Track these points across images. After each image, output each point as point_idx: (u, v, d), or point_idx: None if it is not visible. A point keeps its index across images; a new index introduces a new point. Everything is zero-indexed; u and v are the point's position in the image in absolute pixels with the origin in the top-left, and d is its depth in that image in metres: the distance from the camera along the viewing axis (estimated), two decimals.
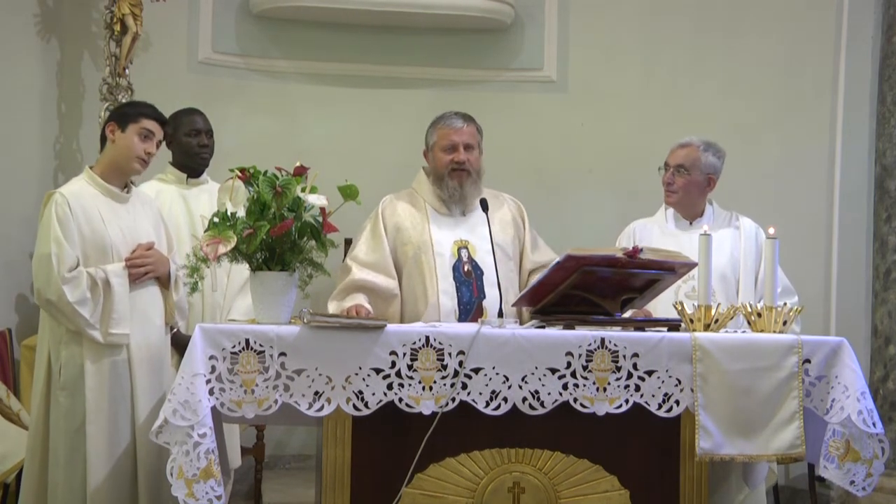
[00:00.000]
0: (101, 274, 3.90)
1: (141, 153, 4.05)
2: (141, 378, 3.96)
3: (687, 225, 4.65)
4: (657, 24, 6.39)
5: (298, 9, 6.19)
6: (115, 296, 3.90)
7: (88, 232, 3.94)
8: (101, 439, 3.88)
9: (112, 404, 3.91)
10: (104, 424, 3.89)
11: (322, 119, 6.38)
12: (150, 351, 4.00)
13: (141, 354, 3.97)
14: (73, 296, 3.83)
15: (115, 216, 4.02)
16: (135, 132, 4.04)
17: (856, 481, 3.64)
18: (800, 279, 4.72)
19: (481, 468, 3.62)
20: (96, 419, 3.88)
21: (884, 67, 5.75)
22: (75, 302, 3.83)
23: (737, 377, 3.64)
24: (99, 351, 3.90)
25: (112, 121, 4.09)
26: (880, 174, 5.72)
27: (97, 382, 3.89)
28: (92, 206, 3.98)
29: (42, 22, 5.79)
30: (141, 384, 3.96)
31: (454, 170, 4.42)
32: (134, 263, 3.97)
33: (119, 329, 3.90)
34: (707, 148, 4.61)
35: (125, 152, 4.05)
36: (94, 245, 3.94)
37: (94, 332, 3.86)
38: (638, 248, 3.77)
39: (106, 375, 3.91)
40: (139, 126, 4.04)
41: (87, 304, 3.85)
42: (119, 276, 3.92)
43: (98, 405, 3.88)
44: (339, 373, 3.52)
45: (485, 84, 6.44)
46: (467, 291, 4.37)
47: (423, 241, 4.40)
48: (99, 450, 3.87)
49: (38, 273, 3.91)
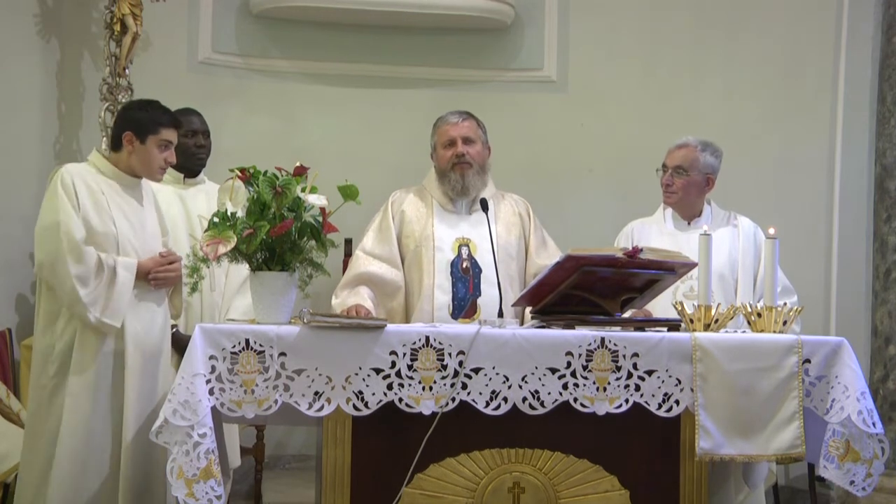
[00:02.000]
0: (110, 262, 3.89)
1: (162, 164, 4.08)
2: (133, 372, 3.93)
3: (685, 225, 4.66)
4: (657, 24, 6.39)
5: (298, 9, 6.19)
6: (118, 286, 3.88)
7: (94, 213, 3.93)
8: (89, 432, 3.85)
9: (104, 399, 3.89)
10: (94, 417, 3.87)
11: (322, 119, 6.38)
12: (148, 346, 3.99)
13: (138, 349, 3.95)
14: (76, 269, 3.81)
15: (123, 205, 4.02)
16: (155, 144, 4.05)
17: (856, 481, 3.64)
18: (800, 279, 4.72)
19: (481, 468, 3.62)
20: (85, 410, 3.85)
21: (884, 67, 5.75)
22: (76, 276, 3.80)
23: (737, 377, 3.64)
24: (89, 341, 3.88)
25: (130, 130, 4.05)
26: (880, 174, 5.72)
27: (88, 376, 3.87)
28: (99, 192, 3.97)
29: (42, 22, 5.78)
30: (132, 378, 3.93)
31: (456, 163, 4.46)
32: (157, 276, 3.99)
33: (111, 320, 3.87)
34: (704, 148, 4.61)
35: (146, 165, 4.07)
36: (101, 230, 3.93)
37: (87, 313, 3.83)
38: (638, 248, 3.77)
39: (100, 371, 3.89)
40: (158, 138, 4.05)
41: (88, 283, 3.82)
42: (128, 269, 3.91)
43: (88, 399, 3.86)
44: (339, 373, 3.52)
45: (485, 84, 6.44)
46: (463, 288, 4.40)
47: (425, 236, 4.45)
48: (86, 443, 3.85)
49: (42, 242, 3.89)
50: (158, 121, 4.06)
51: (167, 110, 4.13)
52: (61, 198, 3.88)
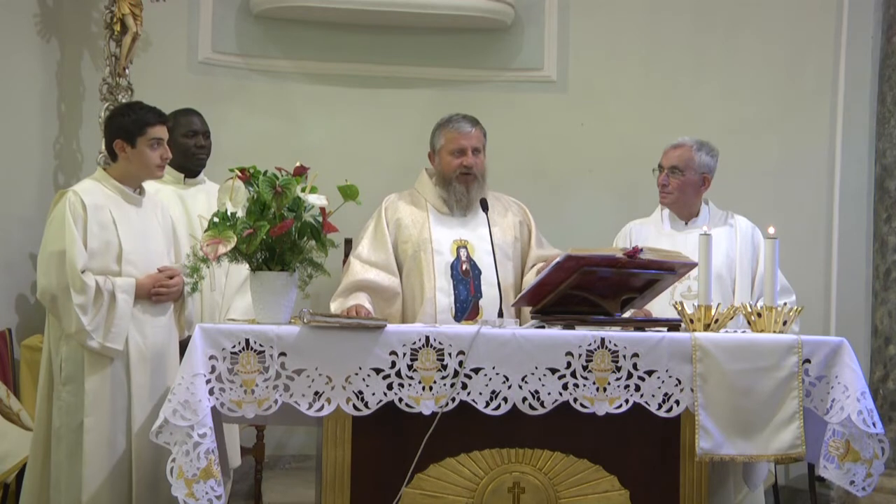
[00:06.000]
0: (108, 286, 3.91)
1: (158, 161, 4.08)
2: (138, 379, 3.96)
3: (682, 225, 4.66)
4: (657, 24, 6.39)
5: (298, 9, 6.18)
6: (118, 310, 3.91)
7: (99, 232, 3.95)
8: (99, 433, 3.89)
9: (111, 400, 3.92)
10: (103, 418, 3.90)
11: (322, 119, 6.38)
12: (152, 352, 4.00)
13: (141, 356, 3.97)
14: (78, 299, 3.84)
15: (127, 219, 4.04)
16: (145, 145, 4.05)
17: (856, 481, 3.64)
18: (800, 279, 4.72)
19: (481, 468, 3.62)
20: (95, 412, 3.88)
21: (884, 67, 5.76)
22: (78, 306, 3.84)
23: (737, 377, 3.64)
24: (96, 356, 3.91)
25: (118, 138, 4.05)
26: (880, 174, 5.72)
27: (98, 377, 3.90)
28: (104, 207, 3.99)
29: (42, 22, 5.78)
30: (138, 384, 3.96)
31: (462, 174, 4.44)
32: (158, 292, 4.00)
33: (114, 344, 3.91)
34: (700, 147, 4.62)
35: (143, 167, 4.08)
36: (105, 246, 3.95)
37: (90, 340, 3.87)
38: (638, 248, 3.77)
39: (107, 371, 3.92)
40: (147, 139, 4.04)
41: (88, 311, 3.86)
42: (126, 292, 3.94)
43: (97, 399, 3.89)
44: (339, 373, 3.52)
45: (485, 84, 6.44)
46: (464, 290, 4.39)
47: (423, 240, 4.43)
48: (97, 445, 3.88)
49: (46, 270, 3.91)
50: (143, 121, 4.05)
51: (150, 108, 4.11)
52: (68, 224, 3.90)
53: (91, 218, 3.94)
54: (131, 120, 4.07)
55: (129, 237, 4.00)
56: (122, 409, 3.93)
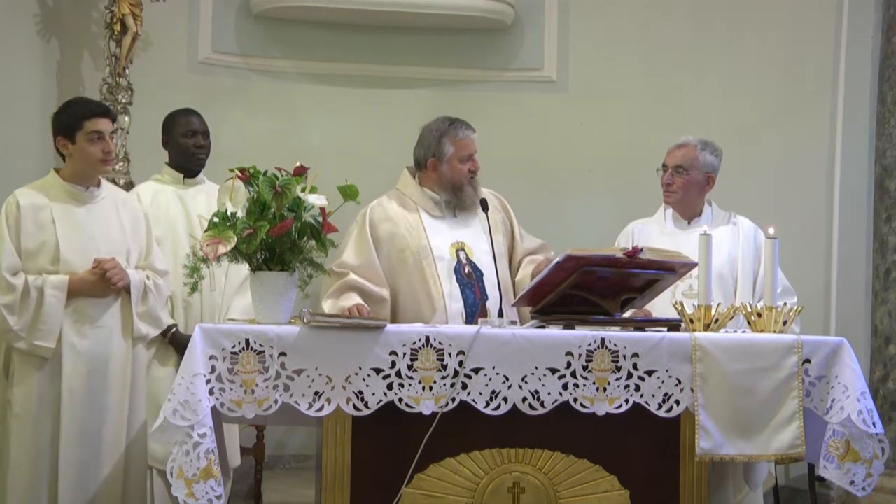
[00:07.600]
0: (38, 283, 3.88)
1: (99, 155, 4.01)
2: (71, 382, 3.92)
3: (685, 224, 4.66)
4: (657, 24, 6.39)
5: (298, 9, 6.19)
6: (45, 307, 3.87)
7: (36, 232, 3.92)
8: (23, 437, 3.87)
9: (38, 402, 3.89)
10: (28, 422, 3.87)
11: (322, 119, 6.38)
12: (91, 353, 3.96)
13: (76, 356, 3.93)
14: (4, 300, 3.83)
15: (70, 218, 3.99)
16: (84, 139, 3.98)
17: (856, 481, 3.64)
18: (800, 279, 4.72)
19: (481, 468, 3.62)
20: (21, 414, 3.87)
21: (884, 67, 5.76)
22: (4, 306, 3.83)
23: (737, 377, 3.64)
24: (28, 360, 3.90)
25: (59, 135, 4.01)
26: (880, 174, 5.72)
27: (26, 378, 3.89)
28: (45, 208, 3.95)
29: (42, 22, 5.79)
30: (69, 389, 3.91)
31: (471, 178, 4.45)
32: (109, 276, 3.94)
33: (43, 342, 3.88)
34: (704, 147, 4.62)
35: (86, 162, 4.01)
36: (40, 246, 3.92)
37: (17, 342, 3.86)
38: (638, 248, 3.77)
39: (34, 375, 3.89)
40: (85, 132, 3.97)
41: (15, 310, 3.84)
42: (58, 288, 3.89)
43: (25, 402, 3.87)
44: (339, 373, 3.52)
45: (485, 84, 6.44)
46: (471, 294, 4.36)
47: (422, 247, 4.38)
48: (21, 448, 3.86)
49: None
50: (79, 114, 3.99)
51: (88, 101, 4.06)
52: (1, 226, 3.89)
53: (27, 218, 3.91)
54: (67, 115, 4.01)
55: (69, 237, 3.96)
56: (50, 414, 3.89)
